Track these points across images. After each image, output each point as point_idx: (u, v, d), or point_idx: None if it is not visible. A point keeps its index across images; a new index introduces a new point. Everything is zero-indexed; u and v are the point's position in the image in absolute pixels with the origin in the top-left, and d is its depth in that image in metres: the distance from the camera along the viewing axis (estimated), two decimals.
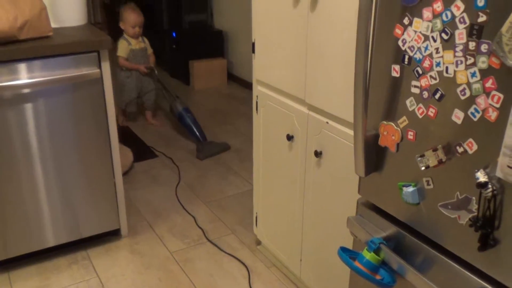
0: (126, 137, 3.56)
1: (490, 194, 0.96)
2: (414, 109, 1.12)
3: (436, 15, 1.03)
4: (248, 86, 4.66)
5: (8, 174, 2.08)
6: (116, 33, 3.72)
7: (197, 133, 3.48)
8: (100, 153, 2.26)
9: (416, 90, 1.11)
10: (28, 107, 2.04)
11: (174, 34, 5.01)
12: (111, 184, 2.34)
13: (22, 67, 1.98)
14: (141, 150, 3.47)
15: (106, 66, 2.14)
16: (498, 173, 0.95)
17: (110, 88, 2.19)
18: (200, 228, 2.57)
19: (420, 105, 1.11)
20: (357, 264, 1.26)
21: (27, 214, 2.18)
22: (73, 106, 2.12)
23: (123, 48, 3.67)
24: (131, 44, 3.69)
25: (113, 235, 2.46)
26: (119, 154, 2.32)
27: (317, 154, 1.74)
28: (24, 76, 1.99)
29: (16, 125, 2.03)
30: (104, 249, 2.40)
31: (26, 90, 2.02)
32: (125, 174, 3.01)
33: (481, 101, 0.96)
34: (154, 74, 3.79)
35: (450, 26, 1.00)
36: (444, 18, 1.01)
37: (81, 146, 2.19)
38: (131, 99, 3.85)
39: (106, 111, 2.20)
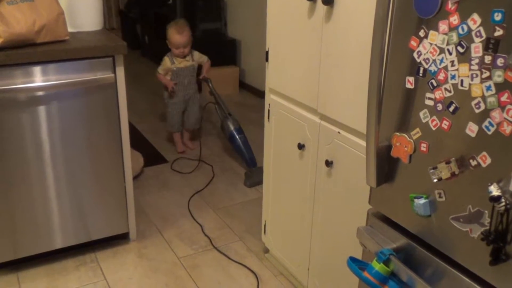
0: (137, 141, 3.58)
1: (503, 208, 0.96)
2: (427, 121, 1.13)
3: (452, 28, 1.03)
4: (259, 94, 4.68)
5: (19, 175, 2.10)
6: (129, 39, 3.68)
7: (247, 158, 3.23)
8: (112, 157, 2.28)
9: (430, 102, 1.11)
10: (42, 109, 2.06)
11: None
12: (121, 188, 2.35)
13: (38, 70, 2.01)
14: (151, 155, 3.49)
15: (120, 71, 2.17)
16: None
17: (123, 93, 2.21)
18: (207, 236, 2.57)
19: (434, 117, 1.11)
20: (366, 274, 1.25)
21: (37, 215, 2.20)
22: (86, 110, 2.14)
23: (164, 66, 3.43)
24: (175, 62, 3.42)
25: (122, 238, 2.48)
26: (130, 159, 2.34)
27: (328, 163, 1.74)
28: (39, 79, 2.02)
29: (29, 127, 2.06)
30: (112, 252, 2.41)
31: (40, 93, 2.04)
32: (135, 178, 3.02)
33: (496, 115, 0.96)
34: (209, 85, 3.48)
35: (466, 39, 1.00)
36: (460, 32, 1.01)
37: (92, 149, 2.21)
38: (176, 120, 3.55)
39: (119, 116, 2.22)
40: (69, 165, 2.19)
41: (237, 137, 3.29)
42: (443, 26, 1.05)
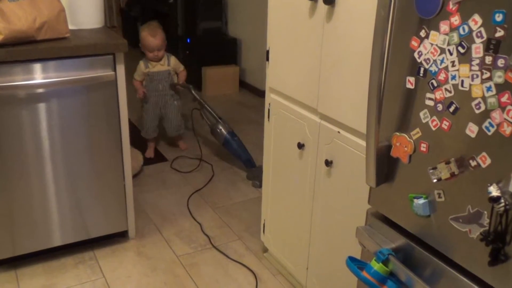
0: (137, 140, 3.58)
1: (502, 208, 0.96)
2: (427, 121, 1.13)
3: (453, 29, 1.03)
4: (259, 93, 4.68)
5: (19, 172, 2.10)
6: (130, 37, 3.64)
7: (245, 160, 3.19)
8: (111, 155, 2.28)
9: (430, 103, 1.11)
10: (42, 107, 2.06)
11: (188, 40, 5.05)
12: (121, 186, 2.35)
13: (38, 67, 2.01)
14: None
15: (121, 69, 2.17)
16: (511, 188, 0.95)
17: (124, 91, 2.21)
18: (206, 235, 2.57)
19: (434, 117, 1.11)
20: (365, 274, 1.26)
21: (35, 212, 2.19)
22: (86, 108, 2.14)
23: (139, 70, 3.33)
24: (149, 66, 3.31)
25: (121, 236, 2.48)
26: (130, 157, 2.33)
27: (328, 163, 1.74)
28: (39, 76, 2.02)
29: (28, 124, 2.06)
30: (111, 250, 2.41)
31: (40, 90, 2.04)
32: (134, 176, 3.02)
33: (496, 115, 0.97)
34: (191, 92, 3.35)
35: (467, 40, 1.01)
36: (461, 32, 1.01)
37: (92, 147, 2.21)
38: (149, 126, 3.43)
39: (119, 114, 2.22)
40: (68, 163, 2.19)
41: (232, 141, 3.22)
42: (444, 26, 1.05)
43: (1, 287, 2.15)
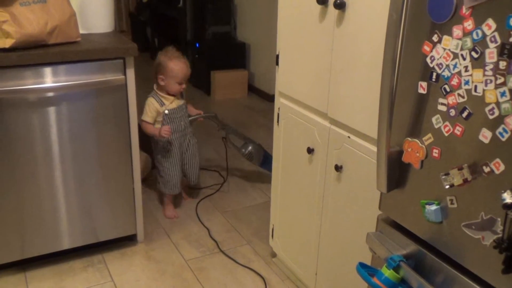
0: (146, 143, 3.58)
1: None
2: (440, 127, 1.12)
3: (466, 33, 1.02)
4: (268, 98, 4.68)
5: (28, 175, 2.11)
6: (139, 41, 3.60)
7: None
8: (121, 159, 2.28)
9: (443, 108, 1.10)
10: (52, 110, 2.07)
11: (197, 45, 5.06)
12: (130, 190, 2.36)
13: (48, 71, 2.01)
14: None
15: (131, 73, 2.17)
16: None
17: (133, 95, 2.21)
18: (213, 240, 2.56)
19: (447, 123, 1.10)
20: (375, 280, 1.24)
21: (45, 215, 2.20)
22: (96, 111, 2.15)
23: (151, 111, 2.56)
24: (165, 103, 2.57)
25: (129, 240, 2.48)
26: (139, 161, 2.34)
27: (338, 168, 1.73)
28: (49, 79, 2.03)
29: (38, 128, 2.06)
30: (119, 253, 2.41)
31: (50, 94, 2.05)
32: (143, 180, 3.02)
33: (510, 121, 0.95)
34: (217, 122, 2.91)
35: (480, 44, 1.00)
36: (475, 37, 1.00)
37: (102, 151, 2.22)
38: (176, 179, 2.71)
39: (128, 118, 2.23)
40: (77, 166, 2.20)
41: (269, 162, 2.89)
42: (457, 31, 1.04)
43: None
